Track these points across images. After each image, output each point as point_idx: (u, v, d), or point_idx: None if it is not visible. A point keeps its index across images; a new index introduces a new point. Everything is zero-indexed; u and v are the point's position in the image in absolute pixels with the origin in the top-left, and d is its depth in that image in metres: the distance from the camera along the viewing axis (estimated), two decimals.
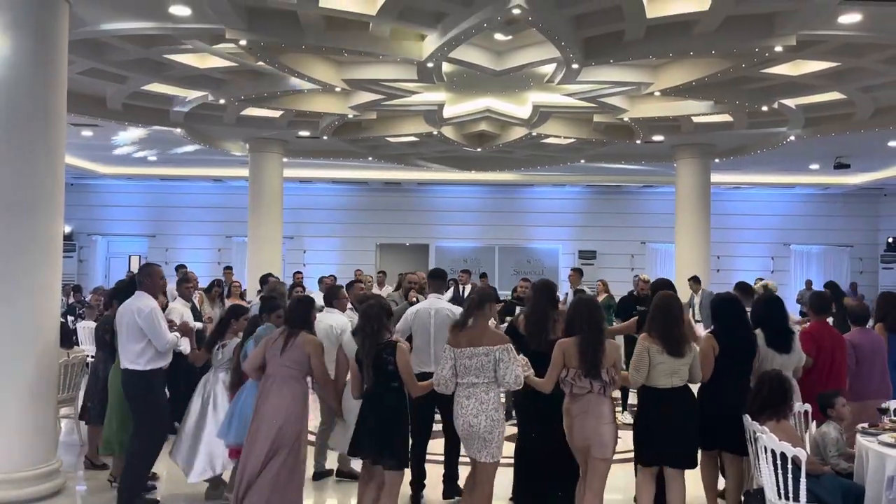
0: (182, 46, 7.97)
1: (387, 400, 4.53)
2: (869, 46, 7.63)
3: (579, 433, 4.52)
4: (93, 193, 18.67)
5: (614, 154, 13.87)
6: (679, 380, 4.65)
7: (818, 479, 4.44)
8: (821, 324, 5.77)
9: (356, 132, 12.07)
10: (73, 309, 12.95)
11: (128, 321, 5.29)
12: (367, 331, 4.55)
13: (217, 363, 5.58)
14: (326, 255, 18.32)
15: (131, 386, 5.33)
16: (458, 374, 4.50)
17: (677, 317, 4.71)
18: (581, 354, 4.47)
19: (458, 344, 4.52)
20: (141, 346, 5.28)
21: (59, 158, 6.02)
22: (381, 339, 4.53)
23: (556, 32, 6.96)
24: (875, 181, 16.29)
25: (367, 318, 4.57)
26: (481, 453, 4.46)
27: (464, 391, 4.49)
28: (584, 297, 5.05)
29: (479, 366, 4.45)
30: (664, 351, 4.60)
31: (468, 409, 4.45)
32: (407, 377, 4.54)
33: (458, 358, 4.49)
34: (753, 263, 18.17)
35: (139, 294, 5.40)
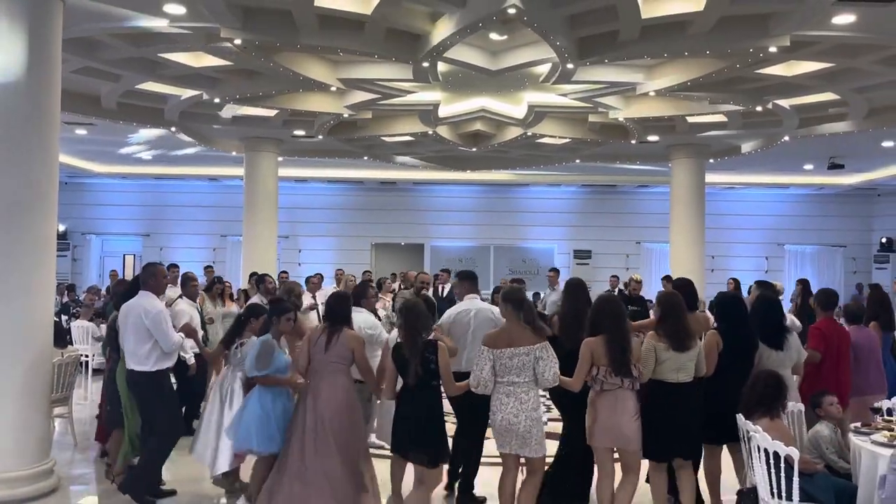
0: (176, 45, 7.95)
1: (428, 398, 4.62)
2: (863, 47, 7.66)
3: (607, 428, 4.61)
4: (87, 192, 18.62)
5: (609, 154, 13.89)
6: (685, 375, 4.78)
7: (811, 477, 4.46)
8: (828, 320, 5.90)
9: (351, 131, 12.06)
10: (67, 308, 12.92)
11: (134, 322, 5.27)
12: (415, 329, 4.63)
13: (235, 361, 5.56)
14: (322, 254, 18.30)
15: (141, 387, 5.33)
16: (497, 373, 4.57)
17: (680, 314, 4.85)
18: (610, 352, 4.59)
19: (496, 345, 4.58)
20: (148, 347, 5.28)
21: (53, 157, 6.00)
22: (424, 337, 4.65)
23: (551, 32, 6.97)
24: (869, 181, 16.35)
25: (416, 316, 4.66)
26: (522, 450, 4.58)
27: (503, 389, 4.57)
28: (606, 296, 5.19)
29: (521, 365, 4.53)
30: (669, 347, 4.74)
31: (508, 406, 4.53)
32: (446, 376, 4.63)
33: (499, 358, 4.55)
34: (748, 263, 18.23)
35: (144, 294, 5.39)
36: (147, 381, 5.30)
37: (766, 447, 4.14)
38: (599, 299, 4.93)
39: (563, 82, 8.74)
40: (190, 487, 5.76)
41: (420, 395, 4.61)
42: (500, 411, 4.55)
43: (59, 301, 13.09)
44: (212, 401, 5.55)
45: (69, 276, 17.77)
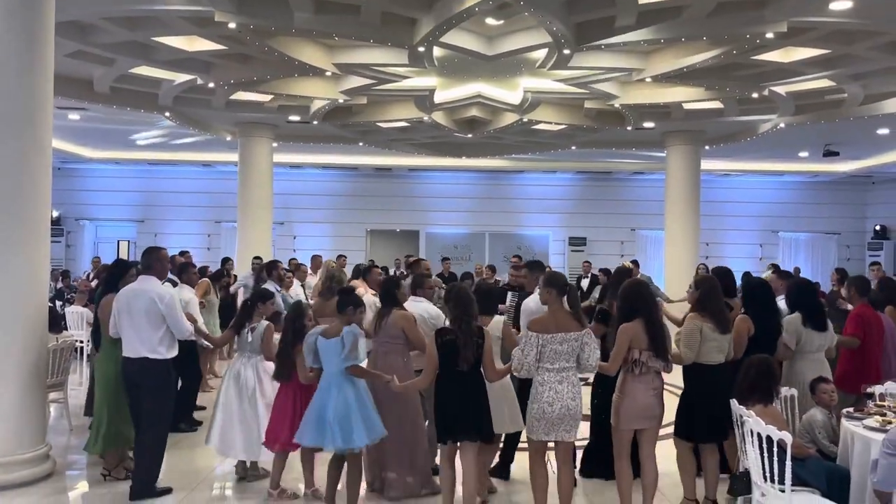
0: (170, 29, 7.89)
1: (479, 382, 4.67)
2: (859, 33, 7.65)
3: (642, 408, 4.67)
4: (80, 178, 18.53)
5: (605, 140, 13.87)
6: (723, 356, 4.90)
7: (804, 462, 4.50)
8: (865, 306, 6.04)
9: (347, 117, 12.01)
10: (62, 294, 12.89)
11: (147, 308, 5.06)
12: (467, 316, 4.65)
13: (246, 346, 5.53)
14: (316, 240, 18.27)
15: (152, 377, 5.10)
16: (545, 359, 4.56)
17: (721, 296, 5.00)
18: (651, 336, 4.65)
19: (546, 330, 4.56)
20: (161, 334, 5.10)
21: (46, 142, 5.95)
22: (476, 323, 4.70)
23: (548, 17, 6.93)
24: (863, 169, 16.39)
25: (469, 301, 4.68)
26: (570, 433, 4.60)
27: (555, 376, 4.54)
28: (633, 280, 5.24)
29: (570, 350, 4.56)
30: (716, 329, 4.84)
31: (564, 393, 4.53)
32: (489, 361, 4.68)
33: (548, 343, 4.53)
34: (742, 250, 18.28)
35: (148, 278, 5.19)
36: (161, 370, 5.13)
37: (758, 431, 4.17)
38: (629, 285, 4.94)
39: (560, 68, 8.71)
40: (188, 482, 5.72)
41: (471, 379, 4.65)
42: (557, 400, 4.51)
43: (54, 287, 13.05)
44: (225, 390, 5.49)
45: (63, 262, 17.70)
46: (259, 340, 5.50)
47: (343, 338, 4.75)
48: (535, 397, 4.57)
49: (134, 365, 5.12)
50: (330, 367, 4.81)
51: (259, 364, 5.54)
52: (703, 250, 15.04)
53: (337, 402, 4.71)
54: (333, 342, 4.77)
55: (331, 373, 4.80)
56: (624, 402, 4.70)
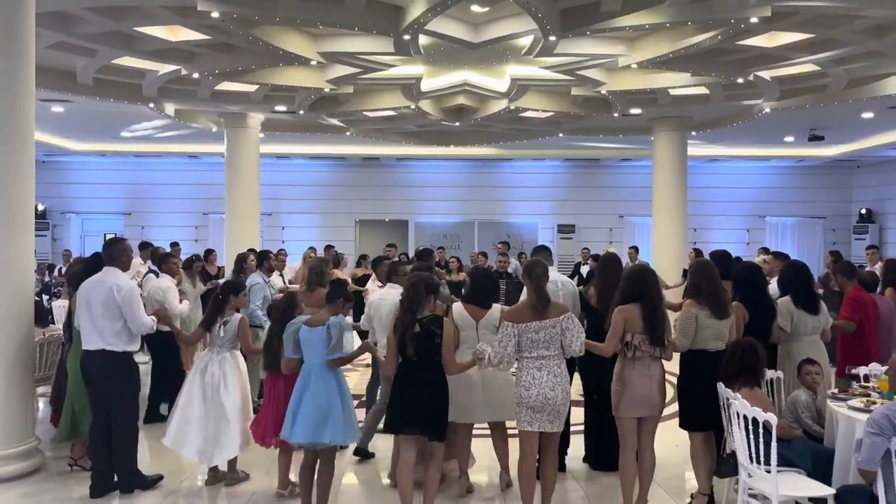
0: (152, 18, 7.81)
1: (432, 374, 4.55)
2: (842, 17, 7.67)
3: (639, 397, 4.63)
4: (65, 171, 18.38)
5: (592, 128, 13.88)
6: (722, 343, 4.82)
7: (789, 443, 4.56)
8: (859, 289, 6.11)
9: (333, 106, 11.95)
10: (48, 288, 12.81)
11: (104, 299, 4.99)
12: (411, 304, 4.56)
13: (219, 342, 5.33)
14: (305, 231, 18.22)
15: (110, 369, 5.03)
16: (522, 348, 4.50)
17: (718, 282, 4.91)
18: (647, 321, 4.60)
19: (520, 319, 4.50)
20: (120, 325, 5.03)
21: (28, 135, 5.90)
22: (422, 312, 4.56)
23: (533, 3, 6.91)
24: (849, 153, 16.48)
25: (412, 292, 4.58)
26: (553, 424, 4.53)
27: (534, 363, 4.49)
28: (641, 265, 5.21)
29: (549, 338, 4.48)
30: (711, 315, 4.78)
31: (542, 381, 4.45)
32: (448, 353, 4.54)
33: (524, 333, 4.47)
34: (729, 236, 18.39)
35: (111, 270, 5.12)
36: (118, 363, 5.04)
37: (744, 413, 4.22)
38: (635, 269, 4.96)
39: (546, 55, 8.70)
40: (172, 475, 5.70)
41: (425, 371, 4.53)
42: (535, 386, 4.45)
43: (40, 281, 12.97)
44: (190, 385, 5.28)
45: (49, 255, 17.58)
46: (232, 335, 5.34)
47: (329, 328, 4.65)
48: (517, 384, 4.55)
49: (91, 357, 5.07)
50: (312, 357, 4.69)
51: (228, 360, 5.32)
52: (690, 236, 15.12)
53: (315, 395, 4.60)
54: (318, 331, 4.67)
55: (312, 364, 4.69)
56: (621, 390, 4.66)
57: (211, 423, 5.18)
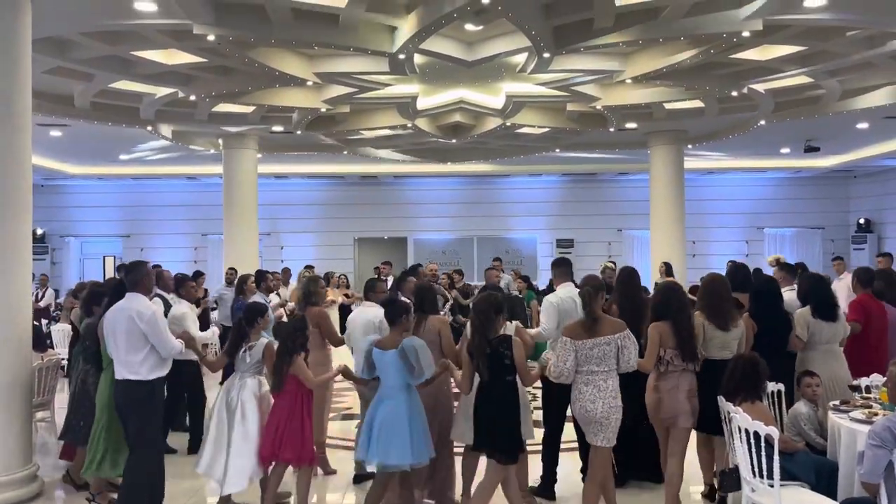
0: (149, 43, 7.86)
1: (504, 394, 4.56)
2: (834, 29, 7.73)
3: (669, 406, 4.87)
4: (64, 195, 18.42)
5: (589, 142, 13.94)
6: (728, 353, 5.01)
7: (792, 456, 4.54)
8: (868, 295, 6.22)
9: (330, 126, 12.00)
10: (47, 312, 12.79)
11: (127, 327, 4.79)
12: (481, 326, 4.58)
13: (244, 367, 5.15)
14: (304, 250, 18.23)
15: (133, 398, 4.84)
16: (579, 363, 4.63)
17: (724, 295, 5.14)
18: (678, 337, 4.85)
19: (579, 335, 4.63)
20: (143, 354, 4.81)
21: (25, 159, 5.92)
22: (492, 333, 4.58)
23: (526, 21, 6.96)
24: (845, 163, 16.54)
25: (481, 315, 4.59)
26: (597, 437, 4.64)
27: (582, 378, 4.65)
28: (671, 283, 5.45)
29: (602, 355, 4.60)
30: (716, 326, 5.02)
31: (585, 395, 4.62)
32: (522, 369, 4.61)
33: (580, 349, 4.60)
34: (728, 248, 18.39)
35: (133, 296, 4.90)
36: (141, 392, 4.81)
37: (746, 427, 4.20)
38: (664, 288, 5.21)
39: (540, 71, 8.75)
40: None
41: (497, 391, 4.55)
42: (578, 400, 4.65)
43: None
44: (218, 412, 5.13)
45: (49, 279, 17.55)
46: (258, 359, 5.17)
47: (405, 352, 4.64)
48: (576, 399, 4.68)
49: (118, 387, 4.92)
50: (388, 379, 4.71)
51: (249, 386, 5.15)
52: (689, 248, 15.12)
53: (393, 416, 4.61)
54: (391, 354, 4.69)
55: (389, 385, 4.70)
56: (653, 400, 4.95)
57: (225, 451, 5.02)
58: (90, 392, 5.46)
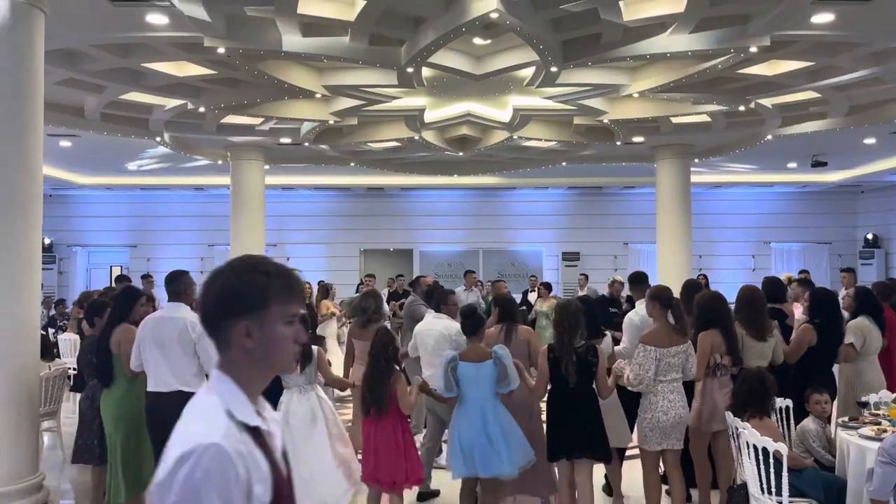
0: (160, 55, 7.93)
1: (590, 399, 4.71)
2: (842, 45, 7.74)
3: (719, 411, 4.94)
4: (72, 204, 18.51)
5: (595, 156, 13.95)
6: (765, 361, 5.23)
7: (801, 473, 4.50)
8: (888, 309, 6.32)
9: (337, 138, 12.05)
10: (54, 321, 12.83)
11: (179, 337, 4.63)
12: (567, 333, 4.67)
13: (299, 380, 4.92)
14: (310, 262, 18.25)
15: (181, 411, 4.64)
16: (659, 371, 4.78)
17: (760, 307, 5.34)
18: (728, 343, 5.03)
19: (661, 343, 4.78)
20: (197, 365, 4.63)
21: (36, 169, 5.96)
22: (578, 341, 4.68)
23: (534, 36, 7.00)
24: (852, 178, 16.50)
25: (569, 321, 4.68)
26: (679, 441, 4.88)
27: (668, 386, 4.83)
28: (711, 292, 5.55)
29: (680, 363, 4.85)
30: (754, 338, 5.21)
31: (676, 402, 4.82)
32: (602, 378, 4.71)
33: (664, 357, 4.75)
34: (735, 262, 18.36)
35: (178, 306, 4.76)
36: None
37: (754, 443, 4.18)
38: (706, 297, 5.37)
39: (548, 85, 8.78)
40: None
41: (582, 396, 4.66)
42: (673, 409, 4.79)
43: (46, 314, 13.00)
44: None
45: (56, 288, 17.65)
46: (314, 370, 5.00)
47: (501, 360, 4.66)
48: (649, 408, 4.79)
49: (164, 400, 4.62)
50: (478, 391, 4.67)
51: (313, 398, 4.93)
52: (695, 262, 15.09)
53: (497, 428, 4.61)
54: (485, 366, 4.67)
55: (480, 398, 4.66)
56: (705, 406, 5.00)
57: (309, 470, 4.67)
58: (99, 409, 5.29)
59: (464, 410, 4.71)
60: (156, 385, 4.69)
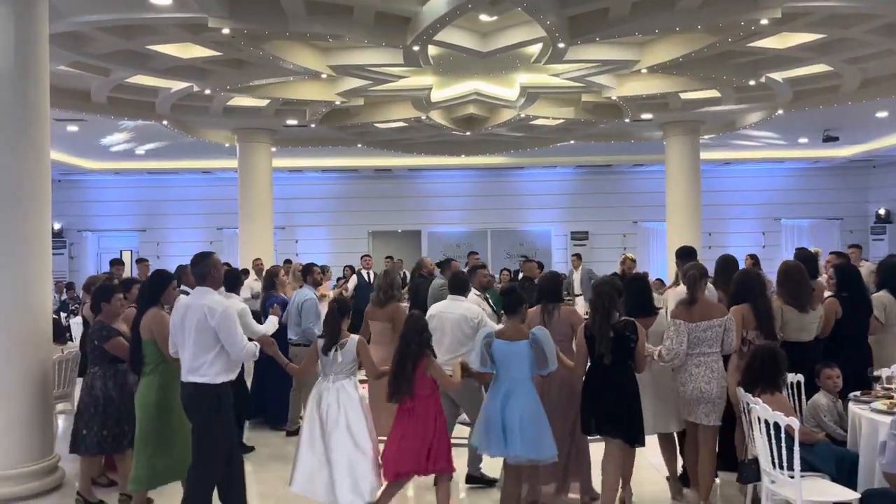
0: (164, 37, 7.90)
1: (626, 377, 4.70)
2: (854, 17, 7.62)
3: None
4: (81, 189, 18.56)
5: (604, 133, 13.85)
6: (807, 335, 5.28)
7: (812, 447, 4.49)
8: None
9: (344, 119, 12.01)
10: (66, 305, 12.93)
11: (197, 324, 4.34)
12: (603, 310, 4.66)
13: (337, 368, 4.70)
14: (319, 244, 18.29)
15: (198, 404, 4.41)
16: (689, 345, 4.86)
17: (800, 279, 5.36)
18: (758, 319, 5.07)
19: (691, 318, 4.86)
20: (213, 355, 4.36)
21: (44, 154, 5.97)
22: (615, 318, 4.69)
23: (541, 11, 6.92)
24: (864, 153, 16.33)
25: (604, 298, 4.68)
26: (709, 417, 4.85)
27: (693, 360, 4.87)
28: (745, 270, 5.70)
29: (714, 337, 4.88)
30: (794, 309, 5.23)
31: (698, 376, 4.85)
32: (640, 356, 4.72)
33: (693, 332, 4.84)
34: (745, 239, 18.24)
35: (203, 290, 4.48)
36: (209, 397, 4.37)
37: (766, 418, 4.16)
38: (743, 273, 5.49)
39: (555, 62, 8.70)
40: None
41: (617, 374, 4.67)
42: (691, 381, 4.84)
43: (58, 299, 13.10)
44: (310, 422, 4.66)
45: (66, 273, 17.75)
46: (351, 359, 4.74)
47: (538, 342, 4.56)
48: (688, 380, 4.88)
49: (184, 391, 4.48)
50: (513, 371, 4.58)
51: (346, 388, 4.70)
52: (705, 240, 14.98)
53: (526, 409, 4.52)
54: (521, 345, 4.58)
55: (513, 378, 4.58)
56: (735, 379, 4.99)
57: (339, 463, 4.53)
58: (98, 396, 5.17)
59: (494, 389, 4.68)
60: (182, 374, 4.50)
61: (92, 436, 5.19)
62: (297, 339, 7.22)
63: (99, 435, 5.17)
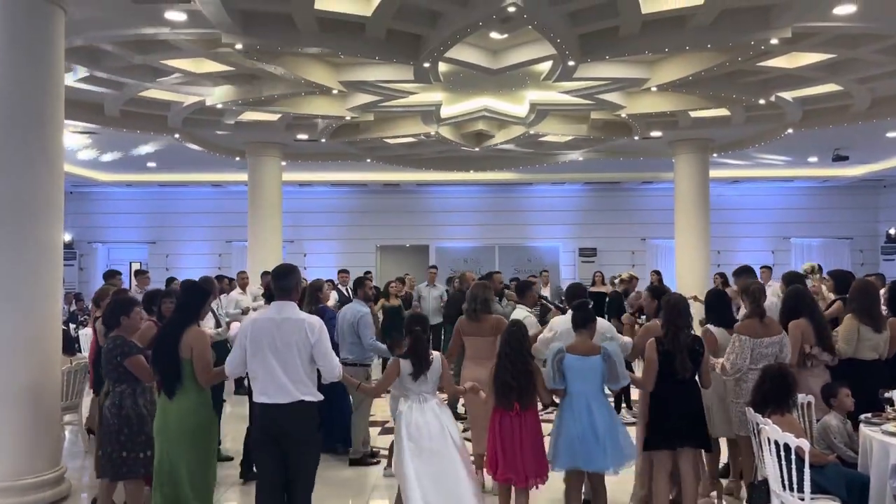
0: (178, 52, 7.98)
1: (697, 389, 4.85)
2: (864, 37, 7.63)
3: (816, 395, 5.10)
4: (92, 201, 18.69)
5: (613, 151, 13.87)
6: (876, 354, 5.36)
7: (822, 469, 4.45)
8: None
9: (354, 134, 12.07)
10: (75, 316, 12.98)
11: (298, 339, 4.17)
12: (675, 326, 4.77)
13: (425, 388, 4.67)
14: (327, 258, 18.32)
15: (307, 424, 4.19)
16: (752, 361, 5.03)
17: (875, 298, 5.46)
18: (818, 333, 5.24)
19: (756, 334, 5.08)
20: (312, 371, 4.24)
21: (57, 166, 6.03)
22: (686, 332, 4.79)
23: (552, 29, 6.96)
24: (874, 172, 16.27)
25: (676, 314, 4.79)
26: None
27: (753, 375, 4.96)
28: (797, 287, 5.73)
29: (772, 353, 5.08)
30: (871, 329, 5.31)
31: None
32: (706, 369, 4.84)
33: (757, 347, 5.06)
34: (754, 257, 18.10)
35: (289, 305, 4.26)
36: (313, 416, 4.20)
37: (776, 439, 4.13)
38: (795, 290, 5.59)
39: (565, 80, 8.73)
40: None
41: (689, 387, 4.80)
42: (747, 394, 4.91)
43: (67, 310, 13.16)
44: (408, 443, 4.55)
45: (76, 285, 17.84)
46: (436, 377, 4.69)
47: (611, 356, 4.65)
48: (740, 394, 5.05)
49: (283, 412, 4.12)
50: (584, 386, 4.66)
51: (437, 407, 4.67)
52: (714, 258, 14.96)
53: (603, 422, 4.62)
54: (593, 360, 4.65)
55: (585, 392, 4.65)
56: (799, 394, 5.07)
57: (444, 482, 4.51)
58: (129, 416, 4.73)
59: (568, 404, 4.69)
60: (270, 396, 4.14)
61: (132, 458, 4.72)
62: (354, 357, 6.69)
63: (144, 454, 4.72)
